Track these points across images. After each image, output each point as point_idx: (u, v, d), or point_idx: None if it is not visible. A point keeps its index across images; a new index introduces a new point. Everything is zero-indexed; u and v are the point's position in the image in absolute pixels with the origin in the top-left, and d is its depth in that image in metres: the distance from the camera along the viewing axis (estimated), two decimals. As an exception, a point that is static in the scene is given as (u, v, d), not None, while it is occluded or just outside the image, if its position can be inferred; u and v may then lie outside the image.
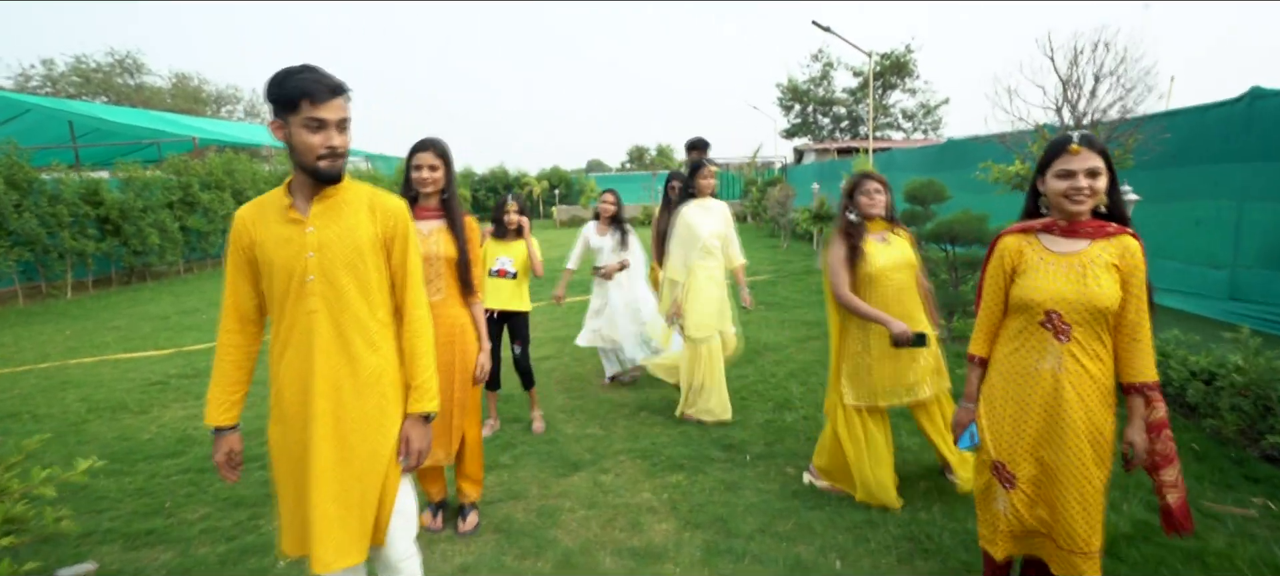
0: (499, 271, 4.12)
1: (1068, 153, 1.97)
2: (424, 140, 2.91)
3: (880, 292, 3.14)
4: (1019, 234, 2.12)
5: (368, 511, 1.89)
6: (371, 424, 1.90)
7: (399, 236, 1.96)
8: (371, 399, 1.90)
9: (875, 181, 3.18)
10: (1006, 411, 2.12)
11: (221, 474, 1.98)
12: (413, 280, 1.99)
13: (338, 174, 1.81)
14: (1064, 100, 3.98)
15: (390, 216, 1.94)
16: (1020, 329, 2.10)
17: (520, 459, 3.89)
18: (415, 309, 1.99)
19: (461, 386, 3.01)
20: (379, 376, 1.92)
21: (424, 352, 1.98)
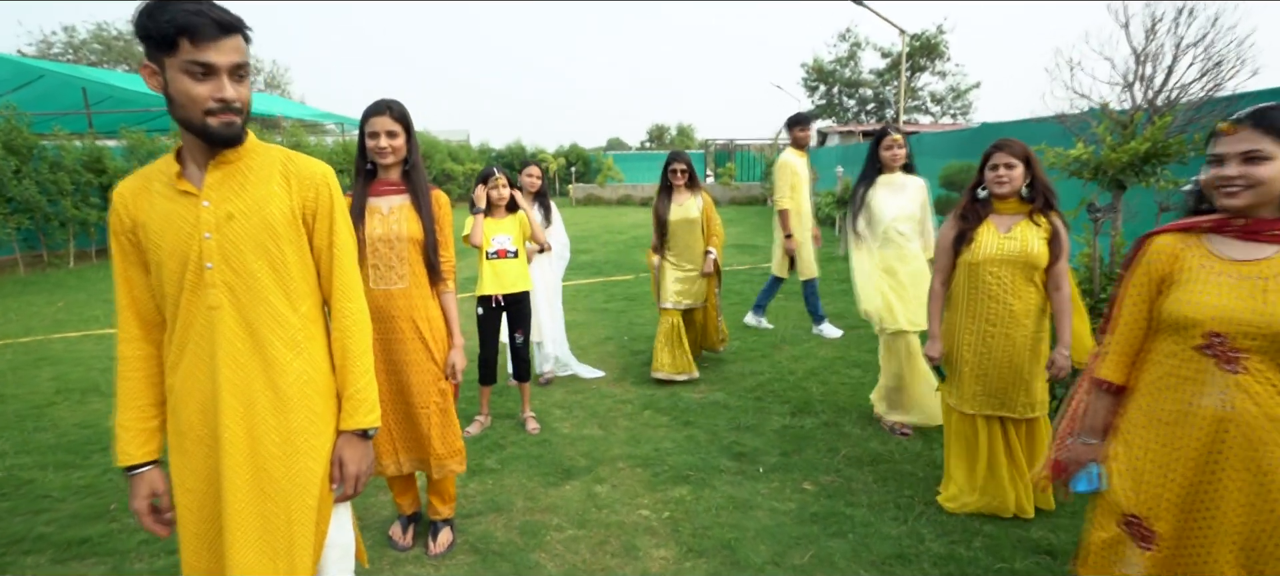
0: (498, 252, 3.73)
1: (1217, 133, 1.56)
2: (378, 102, 2.50)
3: (977, 287, 2.74)
4: (1177, 234, 1.68)
5: (298, 554, 1.52)
6: (297, 445, 1.53)
7: (323, 209, 1.57)
8: (296, 414, 1.53)
9: (1009, 155, 2.69)
10: (1151, 456, 1.68)
11: (144, 525, 1.58)
12: (343, 264, 1.60)
13: (234, 135, 1.41)
14: (1137, 75, 3.46)
15: (311, 184, 1.55)
16: (1171, 353, 1.66)
17: (508, 462, 3.51)
18: (346, 300, 1.60)
19: (434, 389, 2.63)
20: (305, 385, 1.54)
21: (359, 354, 1.60)
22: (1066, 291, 2.72)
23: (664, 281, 4.64)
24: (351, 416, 1.58)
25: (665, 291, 4.64)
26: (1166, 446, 1.65)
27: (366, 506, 3.09)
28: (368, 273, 2.52)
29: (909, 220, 3.70)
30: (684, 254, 4.58)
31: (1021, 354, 2.73)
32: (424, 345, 2.59)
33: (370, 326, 1.65)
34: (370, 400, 1.60)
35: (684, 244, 4.57)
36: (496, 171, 3.73)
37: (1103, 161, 3.39)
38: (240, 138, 1.43)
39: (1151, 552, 1.67)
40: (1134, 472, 1.71)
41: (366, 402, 1.59)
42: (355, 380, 1.59)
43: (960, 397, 2.88)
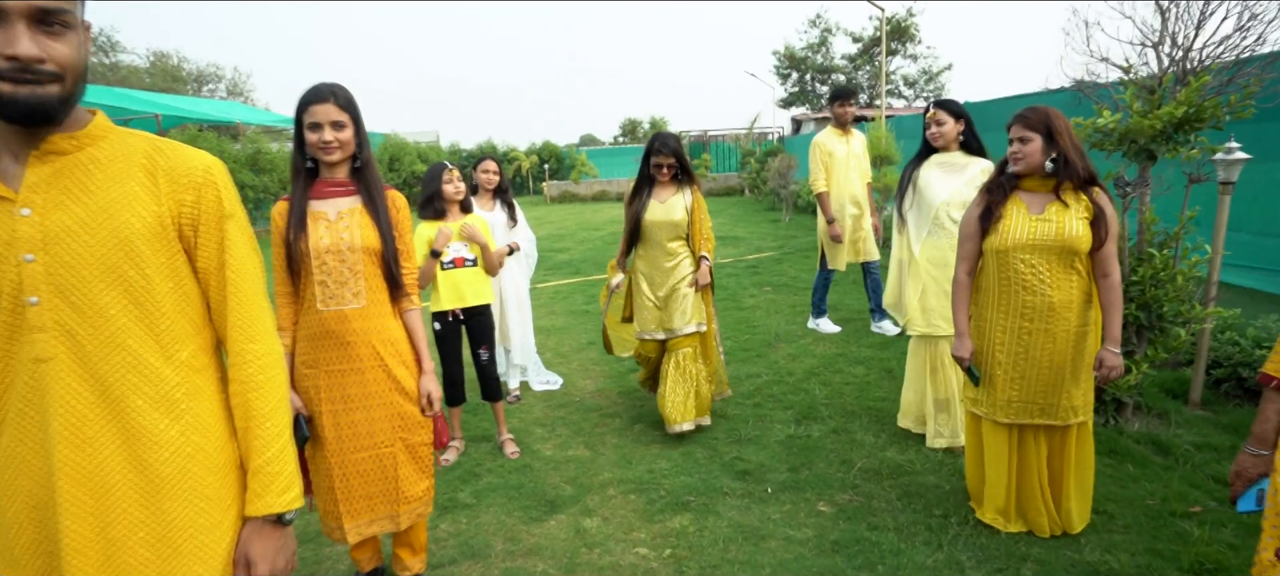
0: (454, 261, 3.30)
1: None
2: (319, 87, 2.06)
3: (1009, 277, 2.39)
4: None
5: None
6: (177, 545, 1.12)
7: (208, 217, 1.16)
8: (175, 501, 1.12)
9: (1021, 127, 2.35)
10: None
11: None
12: (242, 292, 1.19)
13: (42, 106, 0.99)
14: (1164, 32, 3.14)
15: (189, 183, 1.14)
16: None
17: (484, 495, 3.10)
18: (249, 340, 1.19)
19: (404, 426, 2.22)
20: (187, 460, 1.13)
21: (269, 412, 1.19)
22: (1115, 278, 2.37)
23: (637, 304, 3.59)
24: (261, 497, 1.17)
25: (641, 317, 3.57)
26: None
27: (318, 560, 2.67)
28: (315, 291, 2.10)
29: (964, 206, 3.05)
30: (659, 264, 3.49)
31: (1064, 352, 2.39)
32: (388, 374, 2.18)
33: (284, 375, 1.24)
34: (286, 474, 1.19)
35: (662, 251, 3.47)
36: (448, 167, 3.30)
37: (1130, 130, 3.07)
38: (52, 112, 1.00)
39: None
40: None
41: (281, 478, 1.18)
42: (264, 447, 1.18)
43: (992, 405, 2.52)
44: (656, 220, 3.45)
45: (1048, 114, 2.35)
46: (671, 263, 3.46)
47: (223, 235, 1.17)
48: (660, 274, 3.47)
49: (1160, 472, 2.98)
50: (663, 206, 3.46)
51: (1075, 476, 2.53)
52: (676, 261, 3.46)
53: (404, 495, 2.23)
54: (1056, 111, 2.37)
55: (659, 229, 3.45)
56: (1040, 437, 2.54)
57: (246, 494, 1.18)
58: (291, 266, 2.11)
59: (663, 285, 3.47)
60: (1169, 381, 3.83)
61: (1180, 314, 3.25)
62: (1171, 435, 3.29)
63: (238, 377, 1.18)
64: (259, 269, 1.23)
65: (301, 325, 2.15)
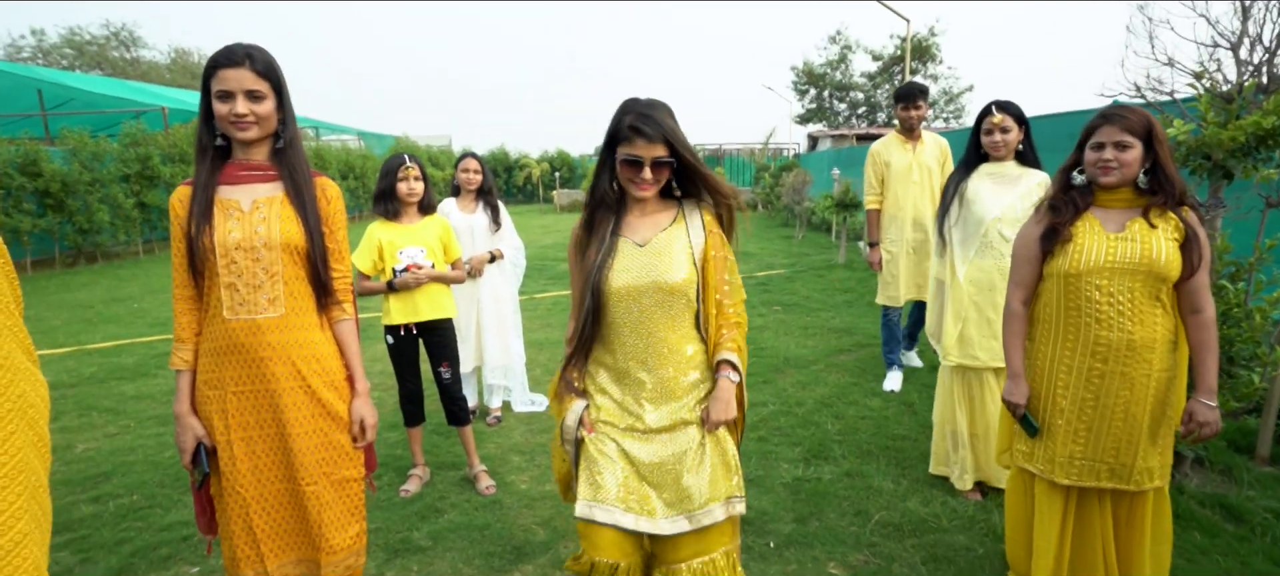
0: (407, 268, 2.91)
1: None
2: (231, 49, 1.67)
3: (1080, 305, 1.98)
4: None
5: None
6: None
7: None
8: None
9: (1120, 130, 1.92)
10: None
11: None
12: None
13: None
14: (1243, 35, 2.72)
15: None
16: None
17: (442, 537, 2.70)
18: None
19: (331, 457, 1.83)
20: None
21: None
22: (1210, 315, 1.94)
23: (589, 455, 1.71)
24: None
25: (597, 481, 1.68)
26: None
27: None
28: (222, 295, 1.72)
29: (1018, 223, 2.69)
30: (640, 373, 1.71)
31: (1143, 401, 1.95)
32: (311, 395, 1.79)
33: (25, 429, 0.82)
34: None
35: (646, 343, 1.70)
36: (407, 160, 2.92)
37: (1205, 142, 2.64)
38: None
39: None
40: None
41: None
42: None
43: (1050, 461, 2.08)
44: (630, 284, 1.66)
45: (1149, 118, 1.94)
46: (668, 371, 1.69)
47: None
48: (647, 393, 1.69)
49: (1234, 544, 2.53)
50: (642, 254, 1.68)
51: (1152, 554, 2.08)
52: (678, 368, 1.69)
53: (328, 544, 1.83)
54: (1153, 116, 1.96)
55: (635, 299, 1.67)
56: (1105, 503, 2.11)
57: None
58: (194, 265, 1.73)
59: (648, 418, 1.68)
60: (1231, 431, 3.37)
61: (1255, 356, 2.80)
62: (1242, 497, 2.84)
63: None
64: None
65: (205, 337, 1.76)
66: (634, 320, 1.68)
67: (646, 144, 1.61)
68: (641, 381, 1.69)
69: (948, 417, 3.00)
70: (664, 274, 1.66)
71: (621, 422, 1.70)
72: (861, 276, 8.16)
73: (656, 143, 1.61)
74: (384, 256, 2.90)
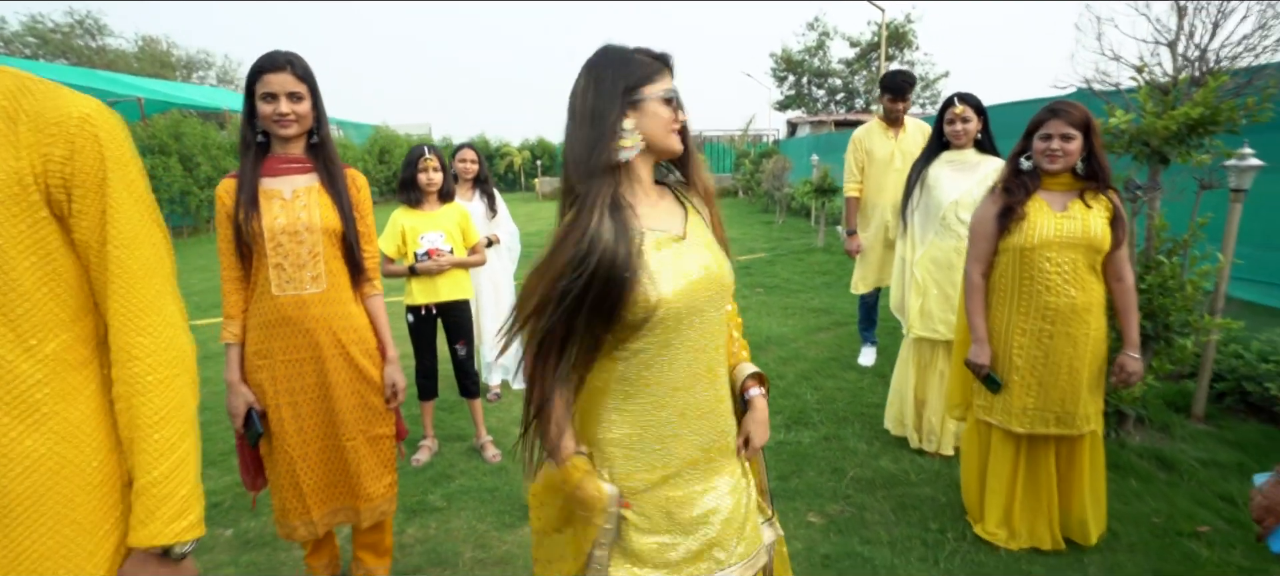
0: (428, 253, 3.12)
1: None
2: (274, 55, 1.89)
3: (1032, 275, 2.26)
4: None
5: None
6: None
7: (86, 176, 0.95)
8: (28, 527, 0.92)
9: (1065, 123, 2.20)
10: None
11: None
12: (128, 270, 0.98)
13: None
14: (1180, 31, 3.01)
15: (59, 136, 0.92)
16: None
17: (455, 498, 2.93)
18: (135, 332, 0.98)
19: (367, 417, 2.07)
20: (51, 475, 0.93)
21: (158, 422, 0.97)
22: (1131, 281, 2.28)
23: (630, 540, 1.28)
24: (144, 524, 0.96)
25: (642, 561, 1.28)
26: None
27: (273, 567, 2.49)
28: (270, 275, 1.93)
29: (974, 206, 2.79)
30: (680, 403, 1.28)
31: (1085, 357, 2.26)
32: (350, 362, 2.03)
33: (185, 374, 1.02)
34: (178, 498, 0.97)
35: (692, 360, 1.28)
36: (427, 152, 3.13)
37: (1144, 131, 2.93)
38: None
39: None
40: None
41: (171, 502, 0.97)
42: (151, 465, 0.96)
43: (1007, 413, 2.38)
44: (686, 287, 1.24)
45: (1087, 113, 2.24)
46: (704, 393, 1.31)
47: (105, 201, 0.96)
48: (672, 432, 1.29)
49: (1165, 489, 2.85)
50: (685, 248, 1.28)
51: (1090, 487, 2.41)
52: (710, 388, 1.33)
53: (365, 492, 2.09)
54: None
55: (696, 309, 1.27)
56: (1050, 448, 2.41)
57: (129, 519, 0.98)
58: (242, 249, 1.94)
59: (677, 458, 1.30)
60: (1171, 394, 3.70)
61: (1187, 324, 3.11)
62: (1175, 449, 3.16)
63: (122, 377, 0.97)
64: (158, 245, 1.02)
65: (253, 312, 1.97)
66: (695, 329, 1.26)
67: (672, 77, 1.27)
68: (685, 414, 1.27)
69: (905, 384, 3.29)
70: (723, 270, 1.30)
71: (654, 474, 1.27)
72: (839, 259, 8.46)
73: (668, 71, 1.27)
74: (407, 241, 3.11)
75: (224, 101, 18.17)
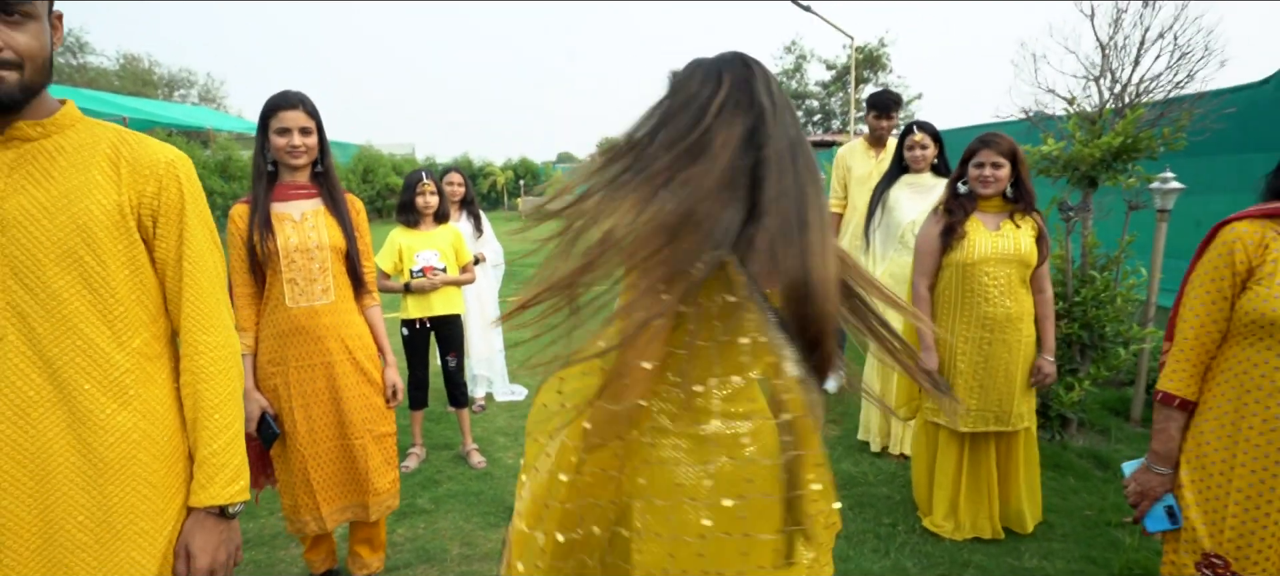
0: (423, 270, 3.33)
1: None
2: (287, 94, 2.13)
3: (973, 288, 2.50)
4: (1262, 221, 1.45)
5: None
6: (117, 528, 1.14)
7: (169, 209, 1.19)
8: (117, 487, 1.13)
9: (996, 152, 2.46)
10: (1237, 483, 1.44)
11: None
12: (198, 283, 1.22)
13: (4, 95, 1.03)
14: (1104, 67, 3.32)
15: (151, 175, 1.16)
16: (1256, 362, 1.43)
17: (443, 501, 3.12)
18: (202, 331, 1.22)
19: (372, 416, 2.28)
20: (133, 446, 1.15)
21: (219, 404, 1.21)
22: (1050, 294, 2.57)
23: None
24: (205, 488, 1.19)
25: None
26: (1255, 472, 1.41)
27: (272, 564, 2.66)
28: (284, 289, 2.14)
29: None
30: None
31: (1019, 361, 2.53)
32: (356, 366, 2.25)
33: (238, 368, 1.27)
34: (232, 467, 1.21)
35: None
36: (424, 176, 3.35)
37: (1073, 157, 3.23)
38: (11, 101, 1.04)
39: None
40: (1213, 504, 1.47)
41: (226, 470, 1.20)
42: (211, 439, 1.20)
43: (953, 414, 2.63)
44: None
45: (1014, 144, 2.51)
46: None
47: (182, 227, 1.20)
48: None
49: (1099, 485, 3.11)
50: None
51: (1026, 479, 2.67)
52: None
53: (374, 487, 2.28)
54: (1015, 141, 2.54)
55: None
56: (990, 445, 2.66)
57: (191, 484, 1.21)
58: (255, 267, 2.14)
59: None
60: (1112, 399, 3.99)
61: (1120, 334, 3.40)
62: (1111, 450, 3.43)
63: (189, 368, 1.21)
64: (219, 264, 1.27)
65: (267, 324, 2.17)
66: None
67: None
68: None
69: (871, 390, 3.54)
70: None
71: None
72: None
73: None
74: (403, 259, 3.31)
75: (207, 121, 18.24)
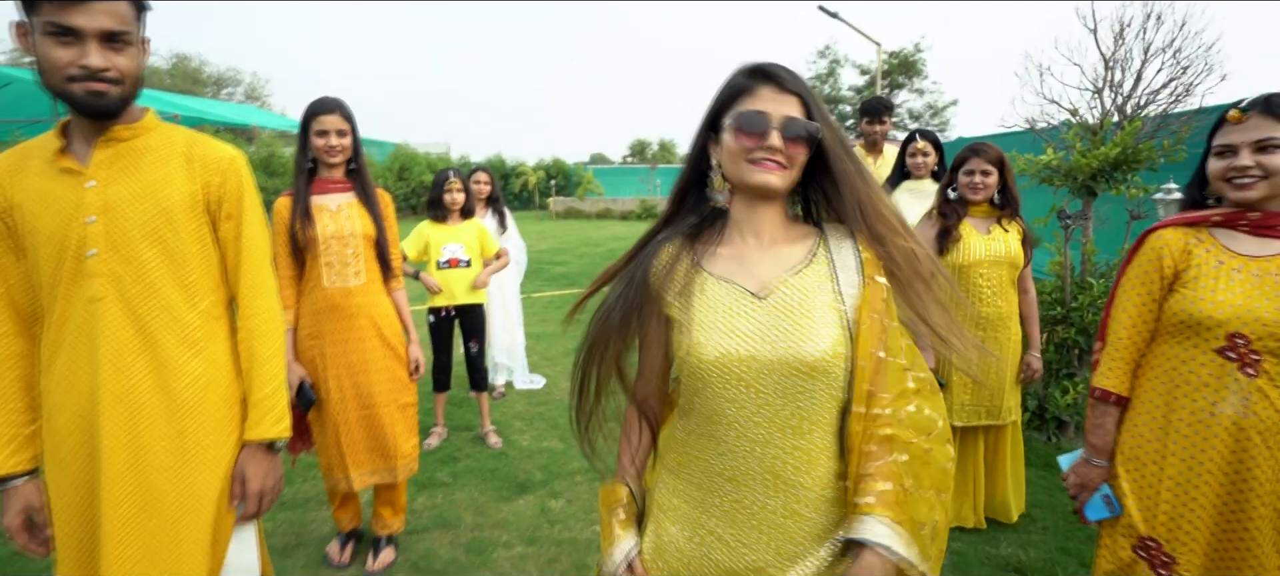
0: (449, 261, 3.58)
1: (1227, 122, 1.49)
2: (326, 100, 2.40)
3: (967, 289, 2.67)
4: (1184, 228, 1.58)
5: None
6: (190, 456, 1.38)
7: (230, 197, 1.45)
8: (191, 420, 1.39)
9: (985, 161, 2.62)
10: (1168, 471, 1.57)
11: (19, 544, 1.40)
12: (252, 258, 1.47)
13: (105, 106, 1.28)
14: (1106, 80, 3.42)
15: (217, 169, 1.43)
16: (1184, 358, 1.56)
17: (460, 476, 3.35)
18: (255, 297, 1.48)
19: (397, 387, 2.52)
20: (202, 388, 1.41)
21: (268, 356, 1.47)
22: (1033, 294, 2.71)
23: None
24: (257, 425, 1.45)
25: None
26: (1185, 461, 1.54)
27: (304, 523, 2.91)
28: (322, 271, 2.41)
29: None
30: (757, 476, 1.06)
31: (1009, 358, 2.69)
32: (384, 342, 2.50)
33: (283, 328, 1.53)
34: (278, 409, 1.47)
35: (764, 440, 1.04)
36: (452, 175, 3.60)
37: (1073, 167, 3.33)
38: (113, 109, 1.30)
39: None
40: (1147, 491, 1.60)
41: (274, 411, 1.46)
42: (262, 385, 1.46)
43: (948, 409, 2.78)
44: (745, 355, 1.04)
45: (1000, 152, 2.66)
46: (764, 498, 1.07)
47: (241, 212, 1.46)
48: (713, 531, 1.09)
49: (1089, 485, 3.20)
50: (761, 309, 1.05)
51: (1012, 471, 2.81)
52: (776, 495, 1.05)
53: (399, 450, 2.53)
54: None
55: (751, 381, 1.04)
56: (979, 438, 2.80)
57: (246, 422, 1.46)
58: (296, 252, 2.39)
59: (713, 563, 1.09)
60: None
61: (1117, 340, 3.48)
62: (1106, 453, 3.51)
63: (245, 327, 1.47)
64: (268, 244, 1.52)
65: (306, 302, 2.43)
66: (746, 412, 1.03)
67: (776, 93, 1.04)
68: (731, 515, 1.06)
69: None
70: (799, 343, 1.01)
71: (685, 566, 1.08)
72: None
73: (789, 96, 1.04)
74: (429, 250, 3.58)
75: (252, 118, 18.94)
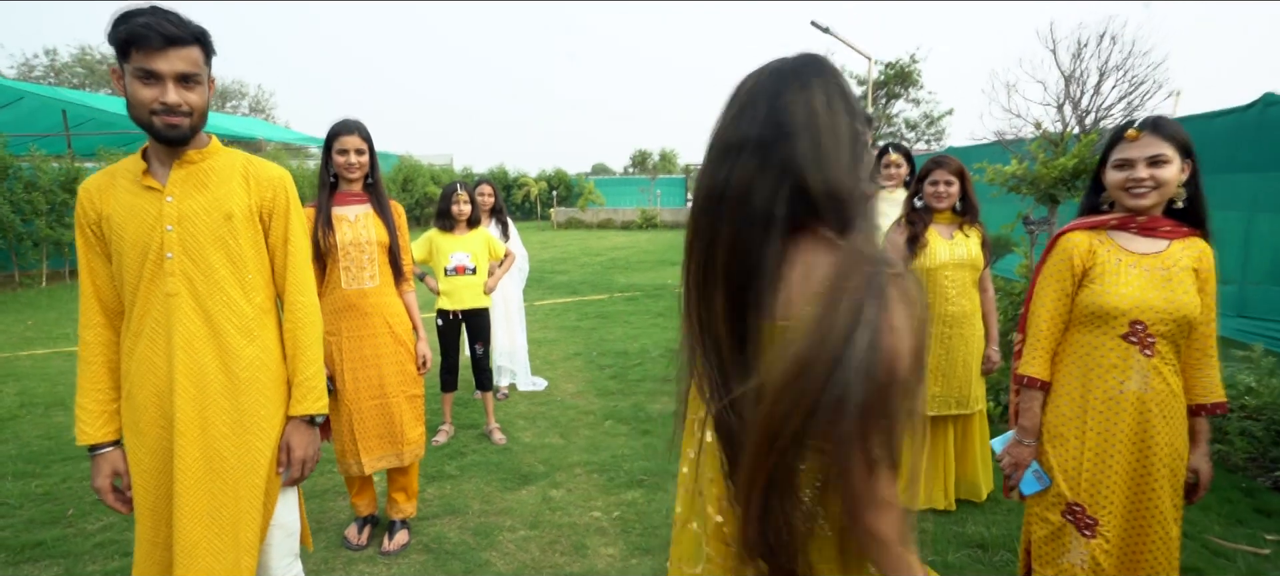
0: (456, 268, 3.83)
1: (1125, 139, 1.72)
2: (347, 122, 2.66)
3: (934, 290, 2.91)
4: (1088, 231, 1.81)
5: (244, 531, 1.63)
6: (247, 427, 1.65)
7: (279, 209, 1.71)
8: (247, 397, 1.65)
9: (947, 172, 2.87)
10: (1088, 444, 1.79)
11: (107, 502, 1.66)
12: (296, 261, 1.74)
13: (180, 135, 1.54)
14: (1066, 96, 3.67)
15: (268, 186, 1.70)
16: (1095, 344, 1.79)
17: (467, 469, 3.59)
18: (299, 294, 1.74)
19: (406, 380, 2.78)
20: (257, 370, 1.67)
21: (309, 344, 1.73)
22: (991, 293, 2.95)
23: None
24: (301, 402, 1.71)
25: None
26: (1101, 434, 1.78)
27: (323, 510, 3.16)
28: (340, 274, 2.66)
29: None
30: None
31: (974, 352, 2.93)
32: (395, 338, 2.75)
33: (320, 321, 1.78)
34: (318, 389, 1.73)
35: None
36: (459, 187, 3.86)
37: (1036, 177, 3.58)
38: (186, 138, 1.55)
39: (1095, 541, 1.78)
40: (1071, 463, 1.82)
41: (315, 391, 1.72)
42: (305, 368, 1.72)
43: None
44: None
45: (960, 163, 2.92)
46: None
47: (288, 221, 1.72)
48: None
49: (1053, 473, 3.44)
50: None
51: (980, 454, 3.06)
52: None
53: (407, 437, 2.78)
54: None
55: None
56: (948, 427, 3.04)
57: (290, 400, 1.72)
58: (318, 257, 2.65)
59: None
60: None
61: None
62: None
63: (290, 318, 1.73)
64: (308, 247, 1.79)
65: (326, 302, 2.68)
66: None
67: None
68: None
69: None
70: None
71: None
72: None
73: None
74: (435, 256, 3.84)
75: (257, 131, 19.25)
